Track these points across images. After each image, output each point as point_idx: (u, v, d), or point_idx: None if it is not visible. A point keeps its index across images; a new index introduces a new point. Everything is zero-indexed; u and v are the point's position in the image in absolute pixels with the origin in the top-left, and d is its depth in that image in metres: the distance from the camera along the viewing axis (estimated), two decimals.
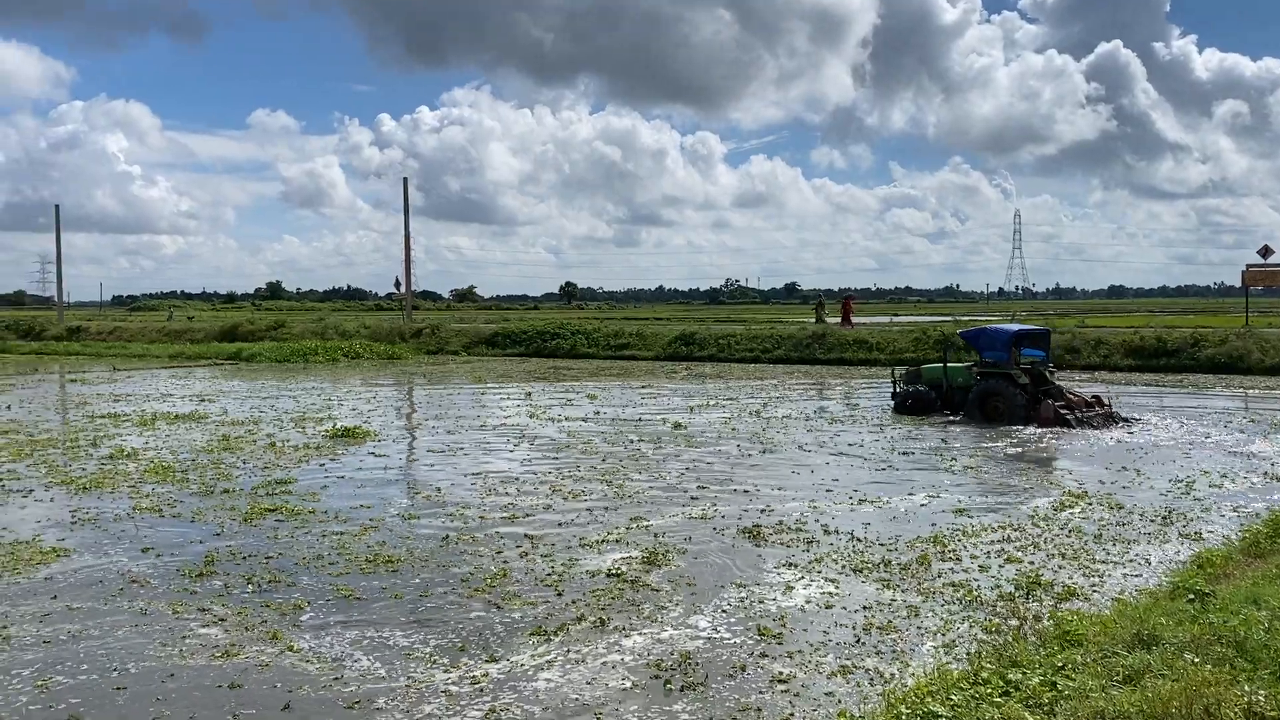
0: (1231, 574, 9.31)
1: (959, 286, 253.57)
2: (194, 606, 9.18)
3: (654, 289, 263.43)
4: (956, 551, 11.05)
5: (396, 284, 71.20)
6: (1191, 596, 8.30)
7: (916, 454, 17.91)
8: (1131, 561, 10.67)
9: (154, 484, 15.05)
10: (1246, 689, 5.96)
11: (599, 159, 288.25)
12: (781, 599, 9.42)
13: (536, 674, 7.59)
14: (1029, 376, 22.23)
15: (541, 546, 11.28)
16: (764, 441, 19.22)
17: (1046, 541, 11.50)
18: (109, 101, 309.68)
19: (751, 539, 11.74)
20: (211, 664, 7.84)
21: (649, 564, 10.61)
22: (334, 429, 20.67)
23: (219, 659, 7.93)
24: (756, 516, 12.82)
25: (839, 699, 7.08)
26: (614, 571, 10.27)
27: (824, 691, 7.24)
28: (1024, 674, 6.69)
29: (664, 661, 7.84)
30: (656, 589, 9.75)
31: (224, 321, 63.91)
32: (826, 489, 14.60)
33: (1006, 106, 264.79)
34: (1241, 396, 27.99)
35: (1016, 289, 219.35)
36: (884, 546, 11.30)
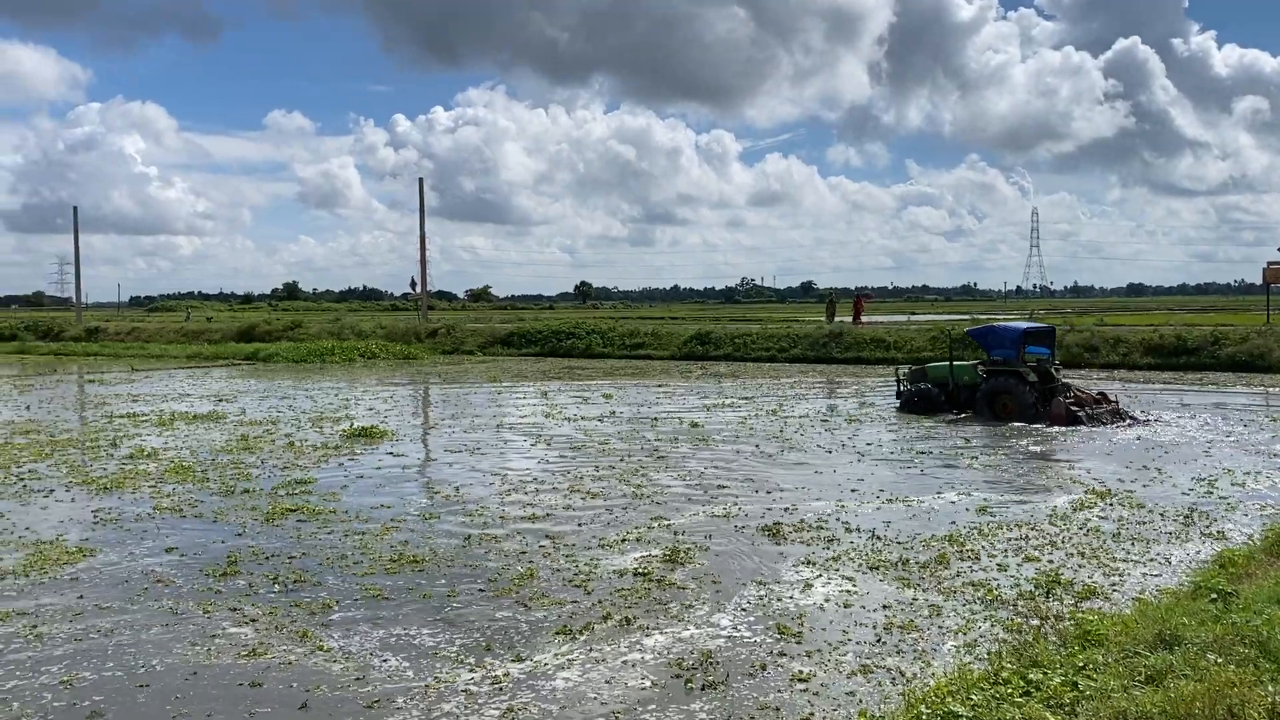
0: (1254, 573, 9.24)
1: (976, 285, 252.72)
2: (224, 606, 9.24)
3: (669, 288, 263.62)
4: (975, 550, 11.00)
5: (412, 284, 71.50)
6: (1214, 596, 8.24)
7: (936, 453, 17.85)
8: (1152, 560, 10.61)
9: (174, 484, 15.14)
10: (1270, 690, 5.92)
11: (613, 158, 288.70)
12: (801, 597, 9.40)
13: (556, 673, 7.60)
14: (1036, 374, 22.24)
15: (563, 547, 11.29)
16: (782, 441, 19.18)
17: (1066, 540, 11.44)
18: (125, 103, 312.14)
19: (771, 537, 11.75)
20: (236, 663, 7.88)
21: (672, 563, 10.63)
22: (351, 429, 20.74)
23: (245, 658, 7.96)
24: (779, 515, 12.82)
25: (859, 698, 7.06)
26: (641, 571, 10.29)
27: (844, 691, 7.22)
28: (1045, 674, 6.66)
29: (685, 660, 7.84)
30: (682, 587, 9.77)
31: (241, 322, 64.22)
32: (851, 489, 14.57)
33: (1023, 104, 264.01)
34: (1263, 394, 27.79)
35: (1034, 287, 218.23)
36: (902, 545, 11.28)
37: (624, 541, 11.54)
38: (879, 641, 8.22)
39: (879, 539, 11.58)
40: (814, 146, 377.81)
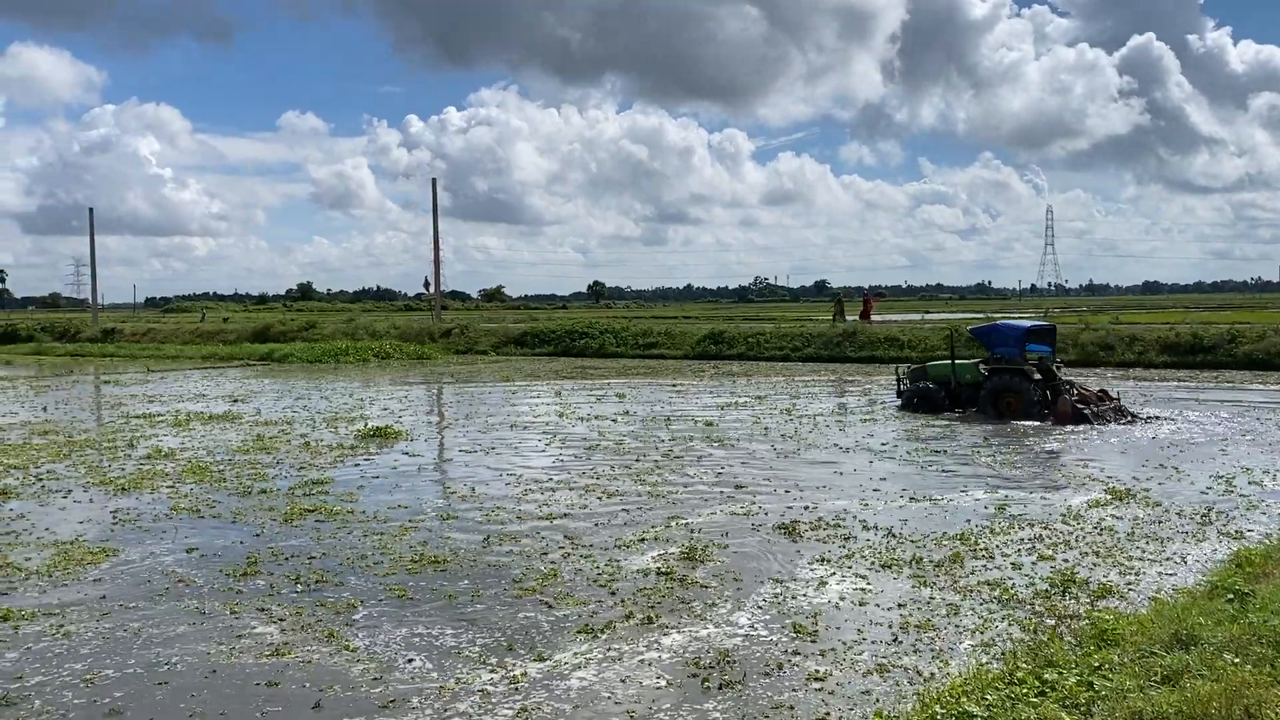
0: (1271, 573, 9.20)
1: (991, 283, 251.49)
2: (252, 606, 9.29)
3: (682, 287, 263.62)
4: (989, 549, 10.99)
5: (425, 284, 71.70)
6: (1230, 596, 8.22)
7: (951, 451, 17.82)
8: (1168, 560, 10.59)
9: (192, 484, 15.23)
10: None
11: (626, 157, 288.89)
12: (818, 595, 9.41)
13: (572, 673, 7.62)
14: (1039, 372, 22.29)
15: (582, 546, 11.31)
16: (797, 440, 19.19)
17: (1079, 539, 11.41)
18: (140, 105, 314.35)
19: (788, 535, 11.79)
20: (257, 662, 7.93)
21: (691, 561, 10.67)
22: (366, 429, 20.83)
23: (267, 657, 8.02)
24: (797, 514, 12.87)
25: (875, 697, 7.08)
26: (664, 570, 10.32)
27: (860, 690, 7.23)
28: (1060, 674, 6.66)
29: (702, 660, 7.86)
30: (705, 585, 9.81)
31: (256, 323, 64.48)
32: (865, 487, 14.59)
33: (1037, 101, 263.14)
34: (1279, 393, 27.63)
35: (1049, 285, 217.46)
36: (916, 544, 11.28)
37: (643, 541, 11.58)
38: (895, 640, 8.23)
39: (895, 537, 11.59)
40: (827, 145, 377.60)
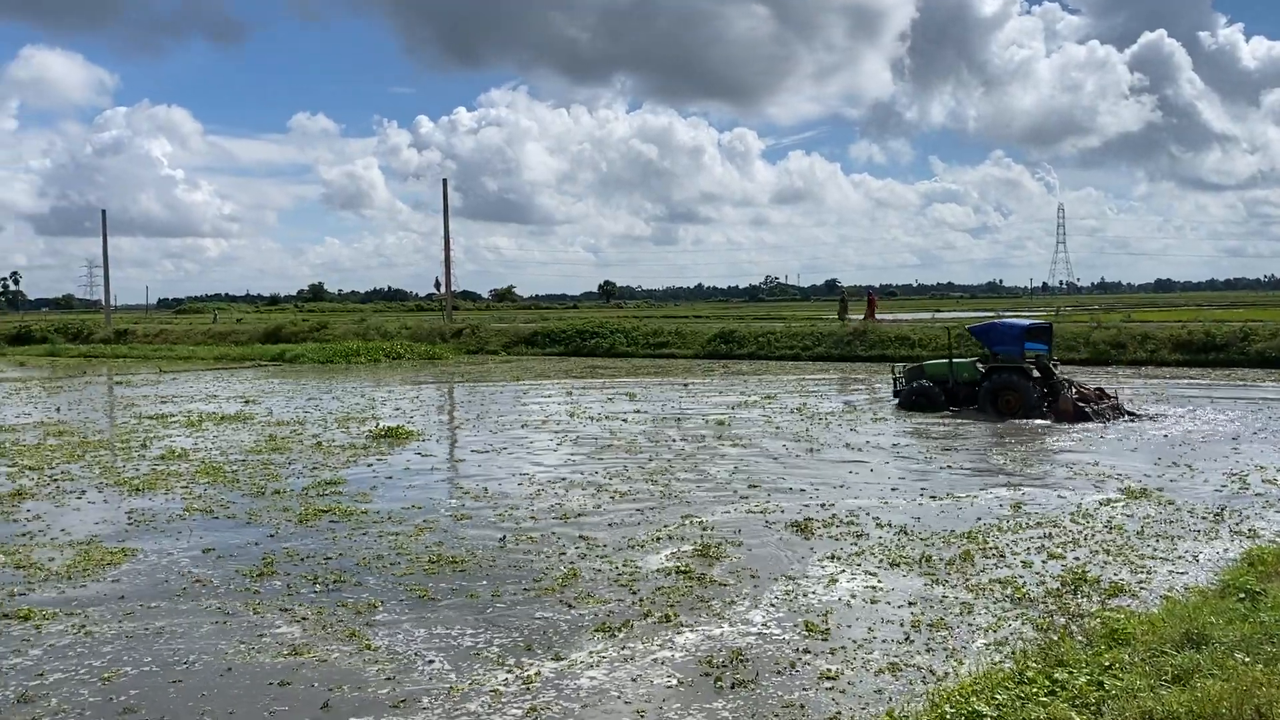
0: None
1: (1002, 282, 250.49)
2: (274, 606, 9.34)
3: (693, 287, 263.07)
4: (1000, 547, 10.99)
5: (436, 284, 71.61)
6: (1242, 595, 8.21)
7: (962, 449, 17.81)
8: (1180, 558, 10.58)
9: (205, 484, 15.31)
10: None
11: (636, 157, 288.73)
12: (831, 594, 9.43)
13: (583, 672, 7.65)
14: (1038, 370, 22.37)
15: (597, 547, 11.34)
16: (809, 439, 19.19)
17: (1089, 537, 11.40)
18: (152, 107, 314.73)
19: (802, 534, 11.83)
20: (273, 661, 7.99)
21: (708, 559, 10.73)
22: (378, 429, 20.90)
23: (285, 657, 8.07)
24: (811, 511, 12.93)
25: (888, 697, 7.09)
26: (683, 569, 10.36)
27: (872, 689, 7.25)
28: (1070, 673, 6.66)
29: (715, 658, 7.89)
30: (723, 584, 9.85)
31: (267, 323, 64.67)
32: (876, 485, 14.61)
33: (1048, 99, 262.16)
34: None
35: (1061, 283, 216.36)
36: (925, 541, 11.30)
37: (657, 540, 11.62)
38: (907, 639, 8.25)
39: (907, 534, 11.62)
40: (837, 144, 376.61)
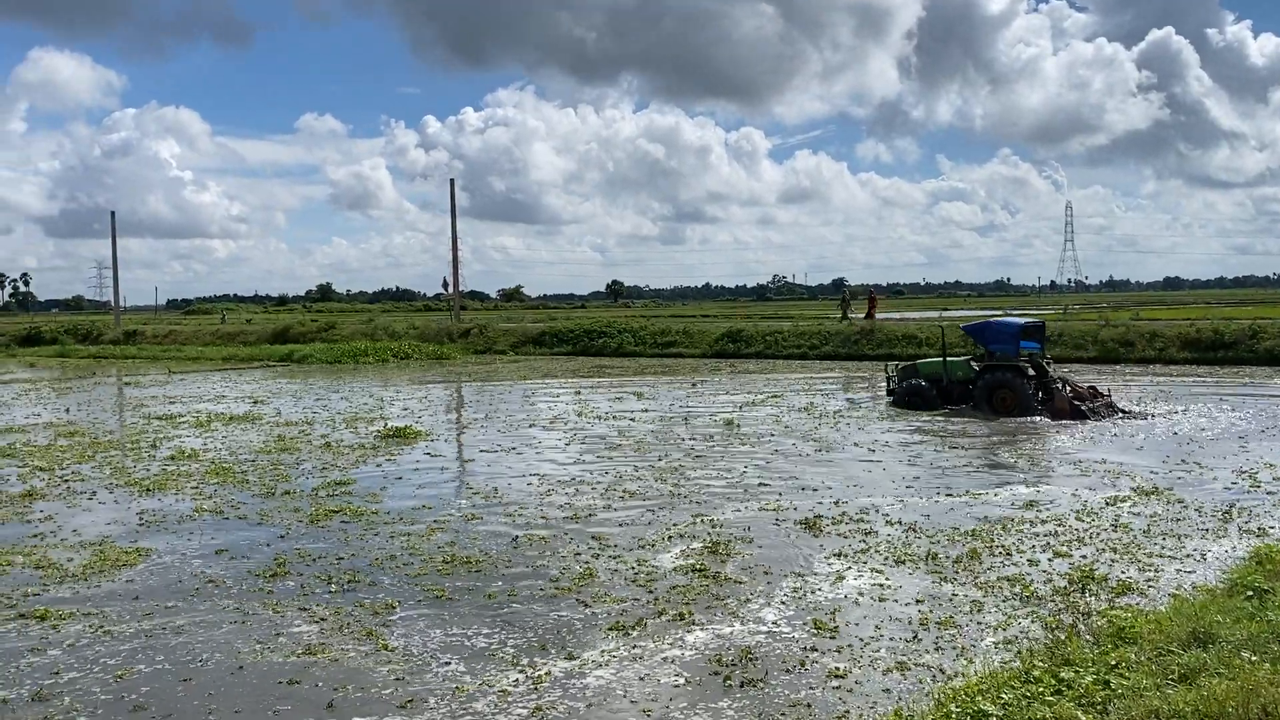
0: None
1: (1010, 280, 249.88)
2: (294, 606, 9.38)
3: (700, 286, 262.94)
4: (1008, 546, 11.01)
5: (444, 284, 71.89)
6: (1250, 593, 8.22)
7: (969, 447, 17.82)
8: (1188, 556, 10.58)
9: (215, 485, 15.38)
10: None
11: (643, 157, 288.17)
12: (841, 592, 9.46)
13: (591, 672, 7.69)
14: (1033, 368, 22.52)
15: (610, 547, 11.36)
16: (817, 439, 19.21)
17: (1097, 536, 11.42)
18: (160, 108, 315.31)
19: (813, 532, 11.88)
20: (286, 660, 8.04)
21: (721, 557, 10.79)
22: (386, 429, 20.95)
23: (298, 656, 8.11)
24: (821, 510, 12.99)
25: (896, 696, 7.11)
26: (699, 567, 10.41)
27: (880, 688, 7.28)
28: (1077, 672, 6.67)
29: (724, 657, 7.92)
30: (739, 581, 9.90)
31: (275, 324, 64.82)
32: (883, 482, 14.64)
33: (1055, 97, 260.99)
34: None
35: (1069, 282, 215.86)
36: (930, 539, 11.34)
37: (669, 539, 11.67)
38: (915, 638, 8.27)
39: (917, 532, 11.66)
40: (843, 143, 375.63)
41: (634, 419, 22.63)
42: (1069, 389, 22.13)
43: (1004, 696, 6.37)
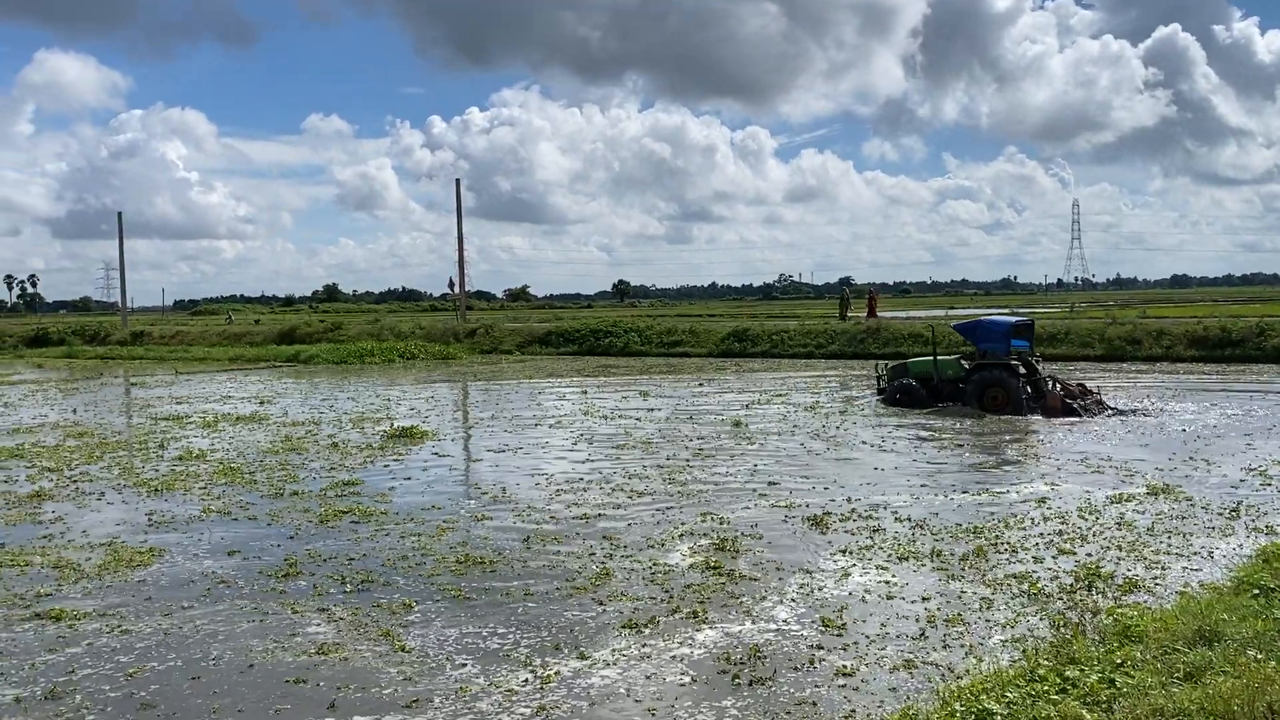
0: None
1: (1016, 278, 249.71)
2: (313, 607, 9.40)
3: (707, 285, 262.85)
4: (1015, 544, 11.02)
5: (450, 285, 71.75)
6: (1256, 591, 8.22)
7: (974, 446, 17.81)
8: (1196, 554, 10.58)
9: (224, 485, 15.42)
10: None
11: (649, 156, 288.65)
12: (849, 590, 9.48)
13: (596, 671, 7.70)
14: (1024, 366, 22.65)
15: (622, 547, 11.38)
16: (825, 437, 19.23)
17: (1104, 533, 11.41)
18: (166, 110, 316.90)
19: (821, 529, 11.94)
20: (296, 660, 8.07)
21: (731, 555, 10.84)
22: (393, 429, 20.99)
23: (309, 656, 8.14)
24: (830, 508, 13.04)
25: (903, 695, 7.13)
26: (712, 564, 10.44)
27: (887, 687, 7.30)
28: (1082, 671, 6.68)
29: (732, 655, 7.94)
30: (754, 579, 9.95)
31: (282, 324, 64.92)
32: (891, 481, 14.64)
33: (1062, 94, 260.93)
34: None
35: (1076, 280, 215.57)
36: (935, 537, 11.37)
37: (680, 537, 11.69)
38: (922, 635, 8.30)
39: (925, 529, 11.69)
40: (849, 141, 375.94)
41: (640, 418, 22.65)
42: (1059, 387, 22.30)
43: (1009, 695, 6.38)
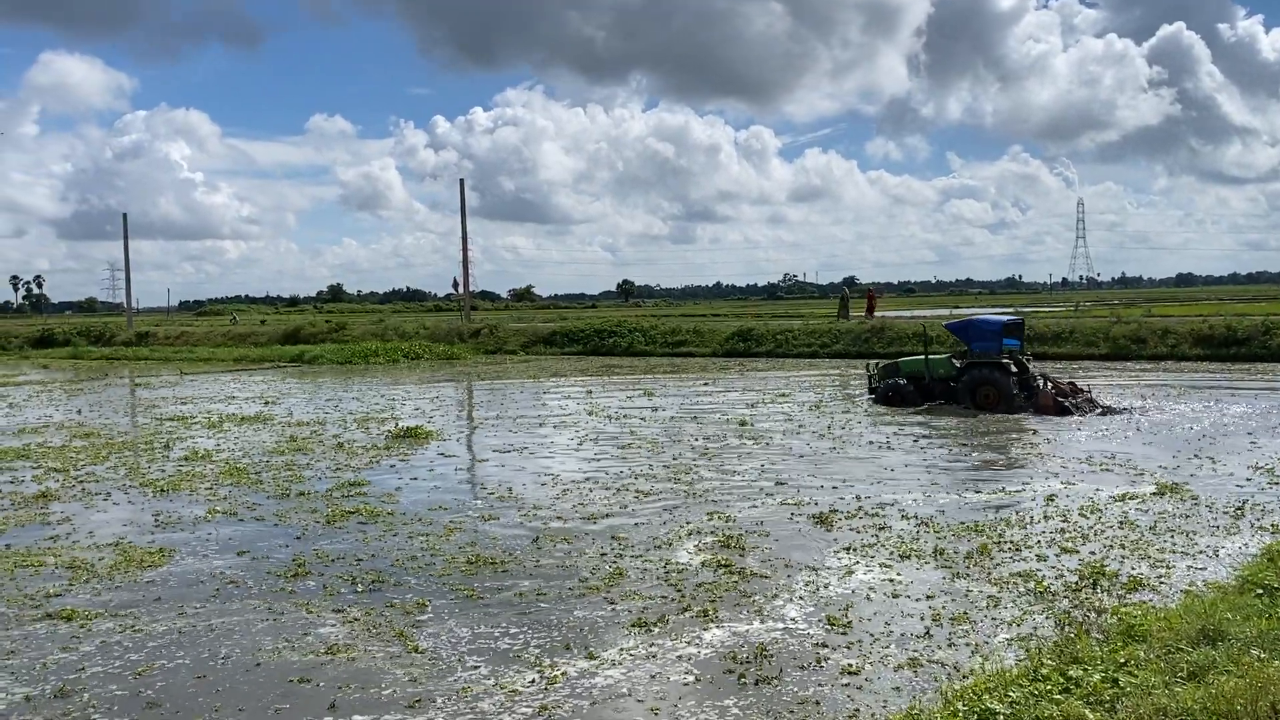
0: None
1: (1021, 278, 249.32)
2: (327, 608, 9.41)
3: (711, 285, 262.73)
4: (1022, 542, 11.03)
5: (455, 285, 71.85)
6: (1260, 591, 8.22)
7: (977, 445, 17.81)
8: (1200, 553, 10.58)
9: (230, 486, 15.45)
10: None
11: (653, 156, 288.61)
12: (853, 589, 9.49)
13: (604, 670, 7.72)
14: (1015, 365, 22.73)
15: (630, 547, 11.39)
16: (830, 437, 19.23)
17: (1109, 532, 11.42)
18: (170, 111, 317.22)
19: (826, 527, 11.97)
20: (303, 660, 8.09)
21: (739, 552, 10.89)
22: (398, 429, 21.01)
23: (316, 655, 8.16)
24: (837, 507, 13.08)
25: (907, 694, 7.14)
26: (723, 563, 10.47)
27: (890, 686, 7.31)
28: (1085, 670, 6.69)
29: (739, 654, 7.96)
30: (765, 576, 9.98)
31: (286, 325, 64.97)
32: (896, 480, 14.65)
33: (1066, 93, 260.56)
34: None
35: (1081, 278, 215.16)
36: (938, 536, 11.40)
37: (687, 537, 11.71)
38: (927, 634, 8.31)
39: (930, 528, 11.71)
40: (853, 141, 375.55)
41: (645, 418, 22.66)
42: (1050, 385, 22.39)
43: (1011, 694, 6.39)
